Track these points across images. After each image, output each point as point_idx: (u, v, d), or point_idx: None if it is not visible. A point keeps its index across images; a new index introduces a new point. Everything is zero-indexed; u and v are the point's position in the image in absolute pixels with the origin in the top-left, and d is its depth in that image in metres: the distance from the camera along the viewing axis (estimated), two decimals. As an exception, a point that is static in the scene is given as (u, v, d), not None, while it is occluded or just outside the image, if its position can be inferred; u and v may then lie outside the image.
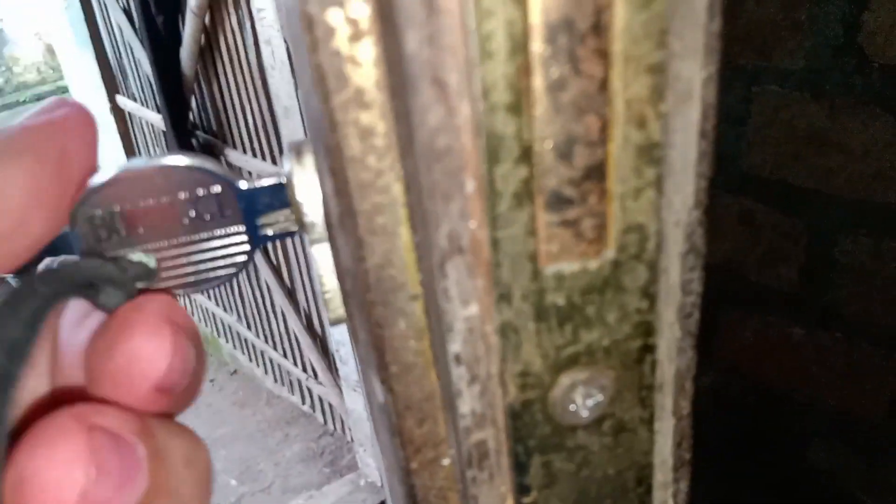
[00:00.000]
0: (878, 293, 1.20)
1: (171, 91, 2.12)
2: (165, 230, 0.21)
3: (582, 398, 0.18)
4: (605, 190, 0.15)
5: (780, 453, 1.45)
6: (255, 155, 2.01)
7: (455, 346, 0.16)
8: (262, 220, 0.22)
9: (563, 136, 0.14)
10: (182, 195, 0.21)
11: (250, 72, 1.82)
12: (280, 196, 0.22)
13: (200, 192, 0.21)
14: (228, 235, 0.22)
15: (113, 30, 2.50)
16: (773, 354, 1.37)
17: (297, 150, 0.21)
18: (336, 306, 0.23)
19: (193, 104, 2.19)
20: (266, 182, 0.22)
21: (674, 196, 0.16)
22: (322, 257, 0.22)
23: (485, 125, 0.14)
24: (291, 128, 1.61)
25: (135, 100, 2.60)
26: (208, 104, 2.12)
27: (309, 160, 0.20)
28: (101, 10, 2.52)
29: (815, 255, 1.26)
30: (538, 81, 0.14)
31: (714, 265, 1.28)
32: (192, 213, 0.21)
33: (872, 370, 1.25)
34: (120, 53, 2.54)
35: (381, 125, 0.16)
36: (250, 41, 1.74)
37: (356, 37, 0.15)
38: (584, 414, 0.18)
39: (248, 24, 1.72)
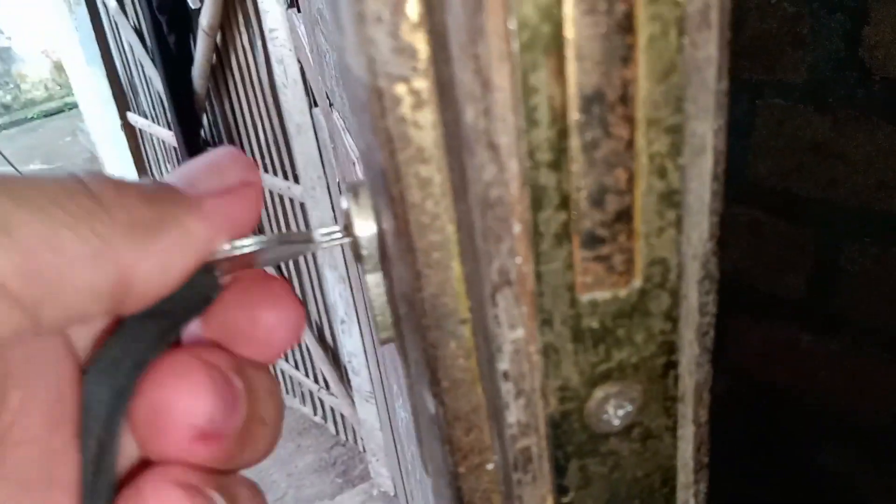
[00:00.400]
0: (883, 299, 1.22)
1: (183, 108, 2.16)
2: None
3: (614, 409, 0.20)
4: (632, 230, 0.18)
5: (789, 457, 1.47)
6: (266, 170, 2.04)
7: (503, 364, 0.19)
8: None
9: (596, 187, 0.17)
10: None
11: (262, 90, 1.86)
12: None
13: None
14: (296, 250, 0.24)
15: (123, 48, 2.54)
16: (781, 360, 1.39)
17: (355, 191, 0.23)
18: (386, 327, 0.25)
19: (205, 121, 2.22)
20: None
21: (691, 232, 0.19)
22: (374, 285, 0.25)
23: (530, 179, 0.17)
24: (303, 144, 1.64)
25: (146, 117, 2.64)
26: (220, 121, 2.16)
27: (365, 201, 0.23)
28: (112, 30, 2.57)
29: (821, 262, 1.28)
30: (575, 142, 0.16)
31: (723, 273, 1.30)
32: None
33: (880, 375, 1.27)
34: (131, 71, 2.58)
35: (438, 177, 0.18)
36: (262, 60, 1.78)
37: (418, 105, 0.17)
38: (616, 423, 0.20)
39: (259, 44, 1.76)
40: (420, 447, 0.28)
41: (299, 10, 1.03)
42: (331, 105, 0.73)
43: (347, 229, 0.24)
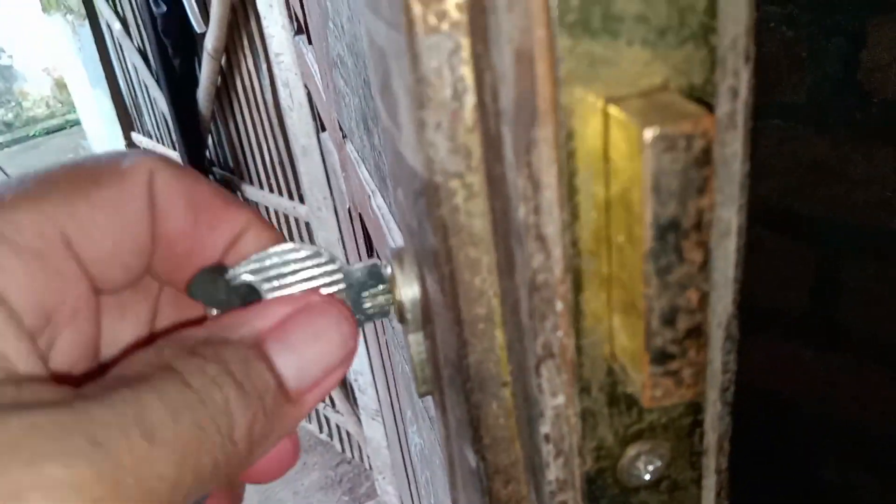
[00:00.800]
0: (885, 314, 1.23)
1: (188, 129, 2.18)
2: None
3: (644, 465, 0.22)
4: (702, 345, 0.19)
5: (792, 471, 1.48)
6: (271, 190, 2.06)
7: (545, 428, 0.21)
8: (365, 298, 0.26)
9: (669, 308, 0.18)
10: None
11: (267, 112, 1.88)
12: (376, 276, 0.25)
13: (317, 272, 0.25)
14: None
15: (128, 69, 2.57)
16: (785, 375, 1.40)
17: (399, 259, 0.25)
18: (425, 382, 0.27)
19: (210, 142, 2.25)
20: (365, 264, 0.26)
21: (717, 306, 0.21)
22: (415, 344, 0.26)
23: (573, 265, 0.18)
24: (309, 165, 1.66)
25: (150, 137, 2.66)
26: (225, 142, 2.18)
27: (410, 268, 0.24)
28: (116, 52, 2.60)
29: (823, 279, 1.30)
30: (648, 268, 0.17)
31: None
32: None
33: (883, 388, 1.28)
34: (135, 92, 2.60)
35: (486, 258, 0.20)
36: (266, 83, 1.80)
37: (470, 197, 0.19)
38: (646, 477, 0.22)
39: (264, 67, 1.78)
40: (453, 492, 0.30)
41: (310, 42, 1.05)
42: (344, 137, 0.75)
43: (391, 292, 0.25)
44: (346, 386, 2.18)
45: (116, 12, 2.43)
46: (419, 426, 0.70)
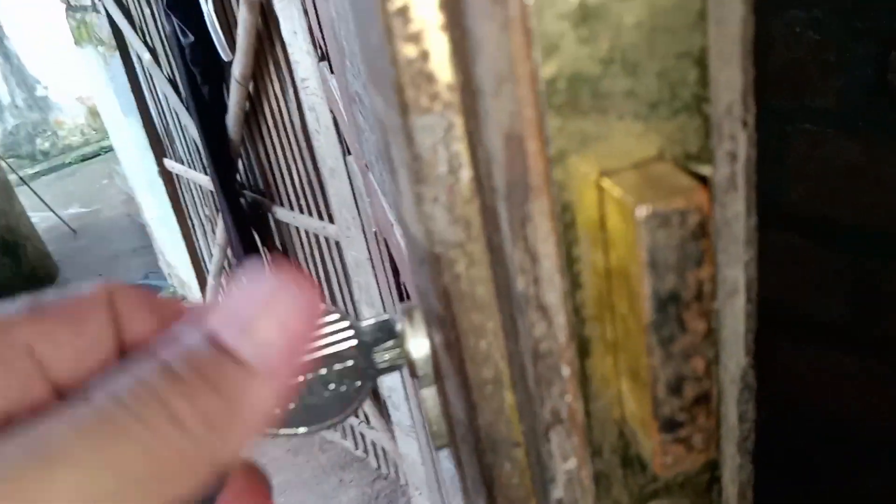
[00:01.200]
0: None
1: (218, 154, 2.22)
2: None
3: (661, 523, 0.22)
4: (711, 410, 0.19)
5: (837, 485, 1.44)
6: (301, 211, 2.08)
7: (557, 492, 0.21)
8: (375, 354, 0.26)
9: (674, 377, 0.18)
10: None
11: (295, 135, 1.90)
12: (387, 331, 0.26)
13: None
14: (346, 368, 0.26)
15: (158, 98, 2.62)
16: (827, 386, 1.37)
17: (409, 314, 0.25)
18: (441, 436, 0.27)
19: (240, 166, 2.28)
20: (375, 319, 0.26)
21: (729, 363, 0.20)
22: (429, 398, 0.26)
23: (577, 330, 0.18)
24: (337, 187, 1.68)
25: (182, 162, 2.71)
26: (255, 165, 2.21)
27: (419, 323, 0.25)
28: (147, 81, 2.65)
29: (861, 286, 1.27)
30: (651, 339, 0.17)
31: (763, 300, 1.29)
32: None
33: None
34: (166, 120, 2.65)
35: (490, 323, 0.20)
36: (294, 107, 1.82)
37: (471, 264, 0.19)
38: (664, 535, 0.22)
39: (290, 92, 1.80)
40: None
41: (332, 71, 1.06)
42: (367, 167, 0.76)
43: (402, 347, 0.26)
44: (380, 402, 2.19)
45: (145, 42, 2.48)
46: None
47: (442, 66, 0.17)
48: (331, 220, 1.92)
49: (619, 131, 0.17)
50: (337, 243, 1.98)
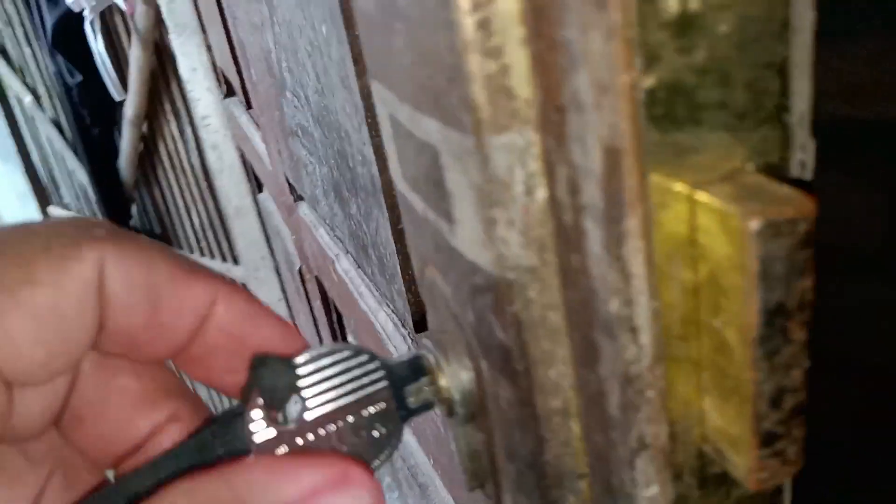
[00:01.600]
0: None
1: (110, 198, 2.11)
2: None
3: (732, 541, 0.21)
4: (804, 422, 0.19)
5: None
6: (203, 254, 2.01)
7: (638, 520, 0.20)
8: (407, 392, 0.24)
9: (775, 390, 0.17)
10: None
11: (194, 175, 1.84)
12: (418, 369, 0.24)
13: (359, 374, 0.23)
14: (378, 412, 0.24)
15: (41, 142, 2.48)
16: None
17: (442, 348, 0.24)
18: (475, 476, 0.26)
19: (134, 210, 2.18)
20: (406, 357, 0.25)
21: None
22: (465, 436, 0.25)
23: (664, 354, 0.18)
24: (244, 227, 1.63)
25: (69, 209, 2.57)
26: (150, 209, 2.12)
27: (457, 359, 0.23)
28: (27, 124, 2.50)
29: None
30: (757, 353, 0.16)
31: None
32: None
33: None
34: (51, 165, 2.51)
35: (561, 351, 0.19)
36: (192, 146, 1.76)
37: (544, 290, 0.18)
38: (736, 554, 0.21)
39: (189, 130, 1.74)
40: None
41: (249, 107, 1.03)
42: (296, 201, 0.74)
43: (434, 384, 0.24)
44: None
45: (26, 84, 2.35)
46: (402, 493, 0.68)
47: (521, 82, 0.16)
48: (235, 261, 1.86)
49: (710, 143, 0.16)
50: (244, 285, 1.92)
